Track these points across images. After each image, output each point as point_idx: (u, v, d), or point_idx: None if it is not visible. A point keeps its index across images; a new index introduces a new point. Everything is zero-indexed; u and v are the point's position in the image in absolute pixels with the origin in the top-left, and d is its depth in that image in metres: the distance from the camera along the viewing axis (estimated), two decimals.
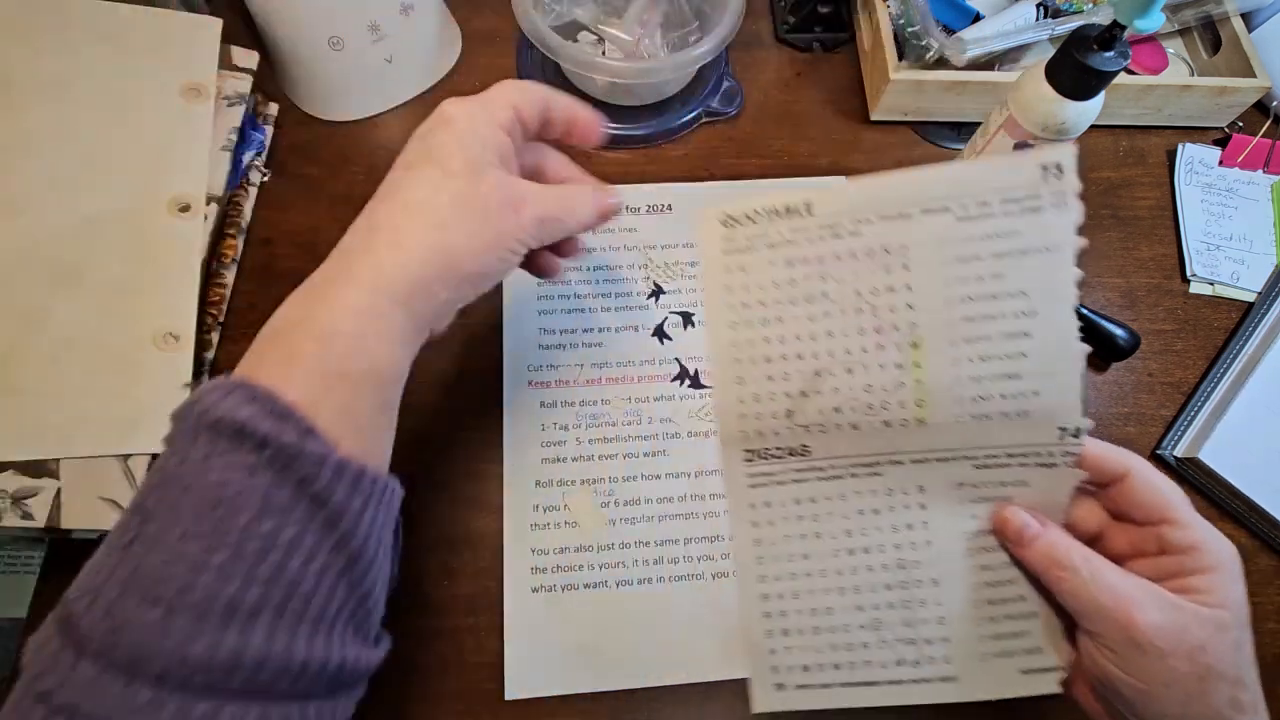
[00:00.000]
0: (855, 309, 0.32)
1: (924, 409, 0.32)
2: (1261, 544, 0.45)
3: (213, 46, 0.48)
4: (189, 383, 0.42)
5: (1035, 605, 0.32)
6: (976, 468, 0.32)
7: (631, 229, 0.52)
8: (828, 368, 0.33)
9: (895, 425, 0.32)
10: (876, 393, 0.32)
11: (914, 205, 0.32)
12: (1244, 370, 0.48)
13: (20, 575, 0.41)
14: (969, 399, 0.31)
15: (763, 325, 0.34)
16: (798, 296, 0.33)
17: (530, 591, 0.42)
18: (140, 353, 0.41)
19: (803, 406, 0.33)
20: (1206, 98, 0.54)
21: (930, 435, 0.32)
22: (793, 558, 0.34)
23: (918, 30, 0.52)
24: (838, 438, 0.33)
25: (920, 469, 0.33)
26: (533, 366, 0.47)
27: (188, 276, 0.44)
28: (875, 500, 0.33)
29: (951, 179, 0.32)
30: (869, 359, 0.32)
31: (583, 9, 0.56)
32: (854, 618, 0.34)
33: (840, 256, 0.33)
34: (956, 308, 0.31)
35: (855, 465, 0.33)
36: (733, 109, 0.56)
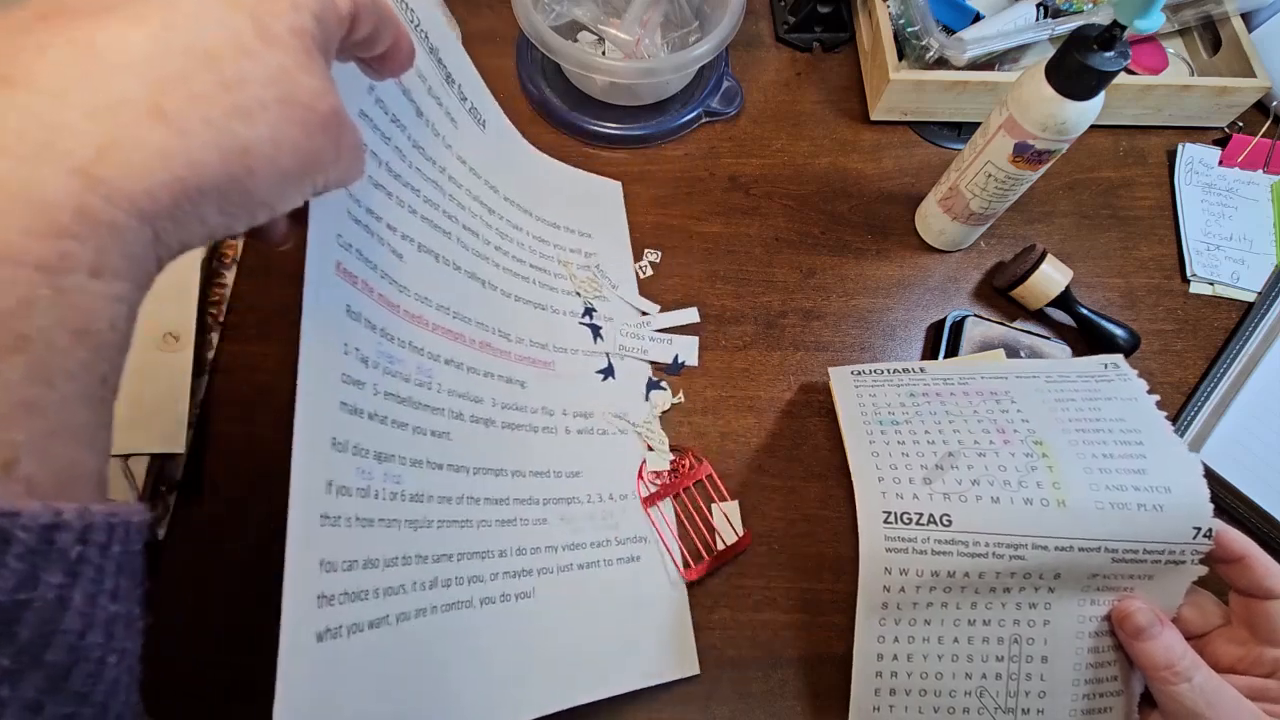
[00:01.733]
0: (977, 421, 0.37)
1: (1061, 491, 0.33)
2: (1261, 544, 0.44)
3: None
4: (190, 383, 0.42)
5: (1123, 684, 0.35)
6: (1115, 561, 0.33)
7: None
8: (960, 450, 0.35)
9: (1036, 504, 0.33)
10: (1011, 471, 0.34)
11: (1009, 374, 0.39)
12: (1244, 370, 0.48)
13: None
14: (1103, 486, 0.33)
15: (894, 426, 0.38)
16: (924, 412, 0.38)
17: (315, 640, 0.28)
18: (142, 353, 0.41)
19: (940, 476, 0.35)
20: (1206, 98, 0.54)
21: (1073, 520, 0.33)
22: (915, 623, 0.35)
23: (918, 30, 0.52)
24: (979, 510, 0.34)
25: (1063, 556, 0.33)
26: (344, 242, 0.30)
27: (188, 276, 0.44)
28: (1010, 581, 0.34)
29: (1035, 366, 0.40)
30: (999, 449, 0.35)
31: (583, 9, 0.56)
32: (961, 684, 0.35)
33: (955, 394, 0.39)
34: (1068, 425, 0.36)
35: (1000, 545, 0.34)
36: (733, 109, 0.56)
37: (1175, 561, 0.33)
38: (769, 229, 0.53)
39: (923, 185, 0.53)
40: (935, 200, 0.50)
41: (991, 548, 0.34)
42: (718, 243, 0.52)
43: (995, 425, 0.36)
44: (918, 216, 0.53)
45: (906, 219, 0.54)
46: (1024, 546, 0.33)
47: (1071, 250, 0.53)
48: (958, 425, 0.37)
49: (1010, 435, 0.35)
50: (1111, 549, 0.33)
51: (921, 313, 0.50)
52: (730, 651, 0.41)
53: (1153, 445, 0.34)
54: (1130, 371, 0.38)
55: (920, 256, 0.52)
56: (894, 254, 0.52)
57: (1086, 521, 0.33)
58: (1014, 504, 0.33)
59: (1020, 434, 0.35)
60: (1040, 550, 0.33)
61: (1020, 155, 0.41)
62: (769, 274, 0.51)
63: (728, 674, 0.41)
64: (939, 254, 0.53)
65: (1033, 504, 0.33)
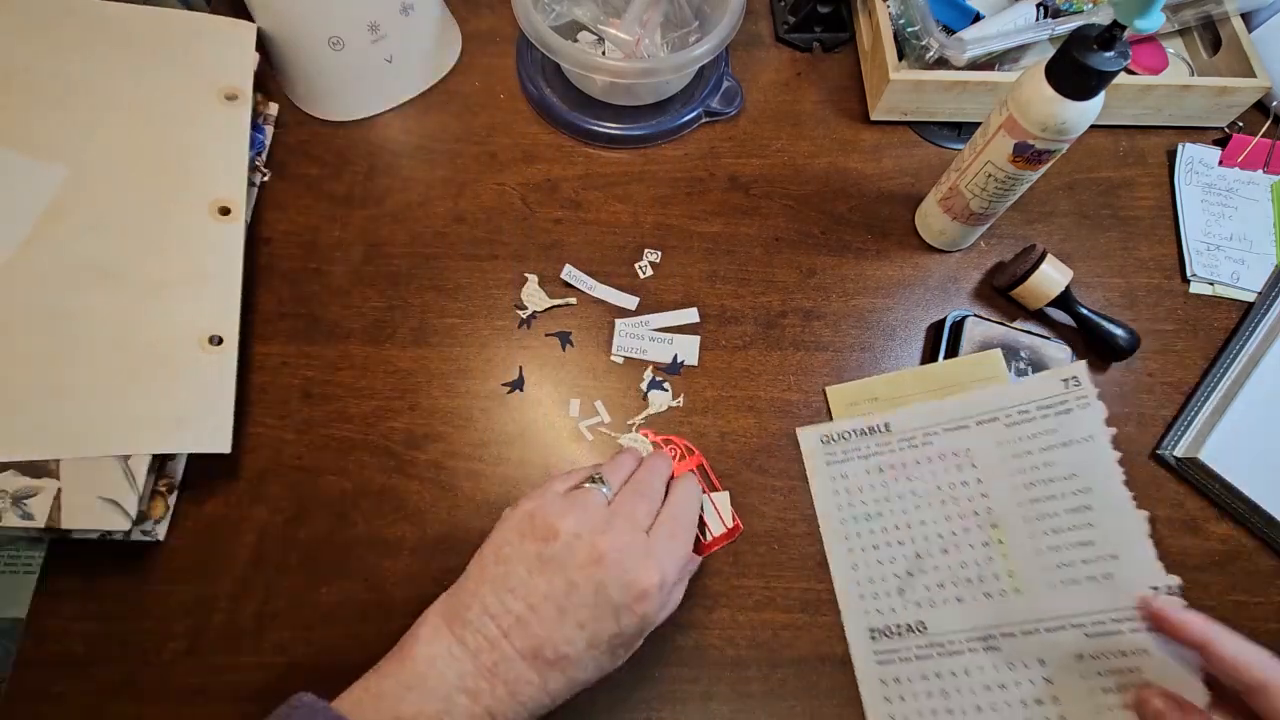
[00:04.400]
0: (940, 500, 0.40)
1: (1015, 579, 0.37)
2: (1261, 544, 0.45)
3: (248, 50, 0.49)
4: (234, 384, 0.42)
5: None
6: (1088, 636, 0.35)
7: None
8: (926, 550, 0.39)
9: (995, 596, 0.37)
10: (971, 568, 0.38)
11: (968, 418, 0.41)
12: (1244, 370, 0.48)
13: (20, 575, 0.41)
14: (1053, 566, 0.36)
15: (866, 520, 0.41)
16: (891, 495, 0.41)
17: None
18: (187, 353, 0.41)
19: (911, 585, 0.39)
20: (1206, 98, 0.54)
21: (1030, 604, 0.36)
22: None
23: (918, 30, 0.52)
24: (947, 612, 0.38)
25: (1033, 640, 0.36)
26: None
27: (230, 280, 0.44)
28: (999, 675, 0.36)
29: (994, 395, 0.41)
30: (959, 540, 0.39)
31: (583, 9, 0.56)
32: None
33: (920, 463, 0.41)
34: (1022, 492, 0.38)
35: (971, 640, 0.37)
36: (733, 109, 0.56)
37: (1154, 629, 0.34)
38: (769, 229, 0.53)
39: (923, 185, 0.53)
40: (935, 200, 0.50)
41: (966, 643, 0.37)
42: (718, 243, 0.52)
43: (957, 508, 0.40)
44: (918, 216, 0.53)
45: (906, 219, 0.54)
46: (994, 637, 0.37)
47: (1071, 250, 0.53)
48: (924, 513, 0.40)
49: (969, 519, 0.39)
50: (1078, 624, 0.35)
51: (921, 313, 0.50)
52: (730, 651, 0.41)
53: (1101, 508, 0.37)
54: (1091, 392, 0.38)
55: (920, 256, 0.52)
56: (894, 254, 0.52)
57: (1043, 603, 0.36)
58: (976, 600, 0.38)
59: (979, 515, 0.39)
60: (1010, 638, 0.36)
61: (1020, 155, 0.41)
62: (769, 274, 0.51)
63: (727, 674, 0.41)
64: (939, 254, 0.53)
65: (992, 596, 0.37)
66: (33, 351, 0.39)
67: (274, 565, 0.42)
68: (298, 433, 0.45)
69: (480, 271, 0.50)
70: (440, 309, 0.49)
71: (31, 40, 0.45)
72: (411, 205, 0.52)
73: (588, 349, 0.48)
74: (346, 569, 0.42)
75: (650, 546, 0.33)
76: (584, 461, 0.45)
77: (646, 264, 0.51)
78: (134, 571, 0.41)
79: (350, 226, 0.51)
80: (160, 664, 0.39)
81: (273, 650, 0.40)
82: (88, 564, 0.41)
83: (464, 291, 0.50)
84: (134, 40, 0.47)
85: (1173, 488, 0.46)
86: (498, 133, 0.56)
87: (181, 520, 0.42)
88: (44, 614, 0.40)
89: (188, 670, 0.39)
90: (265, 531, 0.43)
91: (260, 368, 0.46)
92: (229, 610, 0.41)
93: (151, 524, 0.41)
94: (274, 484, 0.44)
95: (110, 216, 0.43)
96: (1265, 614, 0.43)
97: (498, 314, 0.49)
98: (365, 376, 0.47)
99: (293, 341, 0.47)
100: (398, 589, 0.42)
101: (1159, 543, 0.44)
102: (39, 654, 0.39)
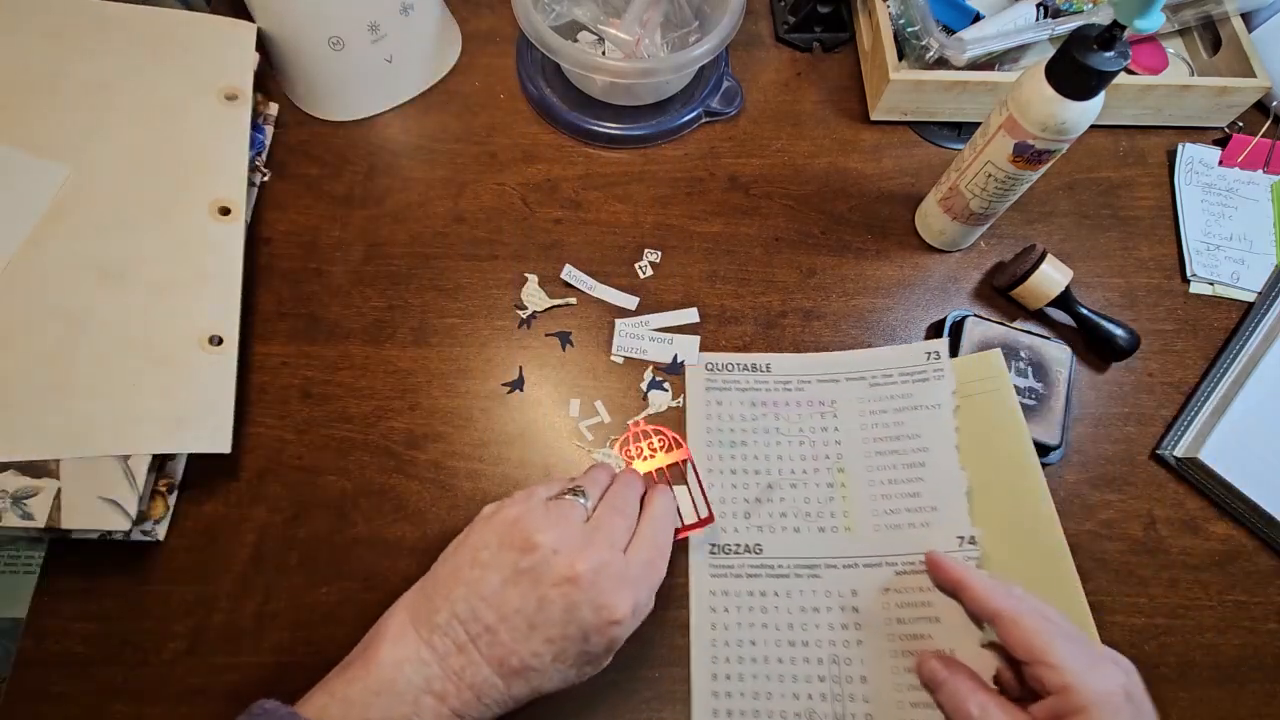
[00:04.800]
0: (799, 441, 0.45)
1: (849, 519, 0.42)
2: (1261, 544, 0.45)
3: (248, 50, 0.49)
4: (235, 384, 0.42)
5: None
6: (897, 574, 0.40)
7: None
8: (777, 483, 0.44)
9: (828, 531, 0.42)
10: (814, 504, 0.43)
11: (840, 373, 0.46)
12: (1244, 370, 0.48)
13: (20, 575, 0.41)
14: (882, 511, 0.42)
15: (730, 446, 0.45)
16: (758, 429, 0.45)
17: None
18: (187, 353, 0.41)
19: (757, 510, 0.43)
20: (1206, 98, 0.54)
21: (856, 542, 0.41)
22: (742, 643, 0.40)
23: (918, 30, 0.52)
24: (784, 539, 0.42)
25: (851, 573, 0.41)
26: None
27: (230, 280, 0.44)
28: (816, 600, 0.40)
29: (867, 356, 0.47)
30: (808, 478, 0.44)
31: (583, 9, 0.56)
32: (790, 705, 0.38)
33: (790, 404, 0.46)
34: (871, 445, 0.44)
35: (799, 566, 0.41)
36: (733, 109, 0.56)
37: None
38: (769, 229, 0.53)
39: (923, 185, 0.53)
40: (935, 200, 0.50)
41: (793, 568, 0.41)
42: (718, 243, 0.52)
43: (812, 450, 0.44)
44: (918, 216, 0.53)
45: (906, 219, 0.54)
46: (819, 566, 0.41)
47: (1071, 250, 0.53)
48: (783, 449, 0.45)
49: (821, 462, 0.44)
50: (891, 563, 0.40)
51: (921, 313, 0.50)
52: None
53: (934, 465, 0.42)
54: (947, 367, 0.45)
55: (920, 256, 0.52)
56: (894, 254, 0.52)
57: (867, 542, 0.41)
58: (811, 532, 0.42)
59: (830, 460, 0.44)
60: (831, 569, 0.41)
61: (1020, 155, 0.41)
62: (769, 274, 0.51)
63: None
64: (939, 254, 0.53)
65: (825, 531, 0.42)
66: (33, 351, 0.39)
67: (274, 565, 0.42)
68: (298, 433, 0.45)
69: (480, 271, 0.50)
70: (440, 309, 0.49)
71: (33, 40, 0.45)
72: (411, 205, 0.52)
73: (588, 349, 0.48)
74: (346, 569, 0.42)
75: (626, 571, 0.33)
76: (585, 462, 0.45)
77: (646, 264, 0.51)
78: (134, 571, 0.41)
79: (350, 226, 0.51)
80: (160, 664, 0.39)
81: (273, 650, 0.40)
82: (88, 564, 0.41)
83: (464, 291, 0.50)
84: (134, 40, 0.47)
85: (1173, 488, 0.46)
86: (498, 133, 0.56)
87: (181, 520, 0.42)
88: (44, 614, 0.40)
89: (188, 670, 0.39)
90: (265, 531, 0.43)
91: (260, 368, 0.46)
92: (229, 610, 0.41)
93: (151, 524, 0.41)
94: (274, 484, 0.44)
95: (111, 216, 0.43)
96: (1265, 614, 0.43)
97: (498, 314, 0.49)
98: (365, 376, 0.47)
99: (293, 341, 0.47)
100: (398, 589, 0.42)
101: (1159, 542, 0.44)
102: (39, 654, 0.39)
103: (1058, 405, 0.46)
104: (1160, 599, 0.43)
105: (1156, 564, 0.44)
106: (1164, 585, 0.43)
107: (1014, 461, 0.43)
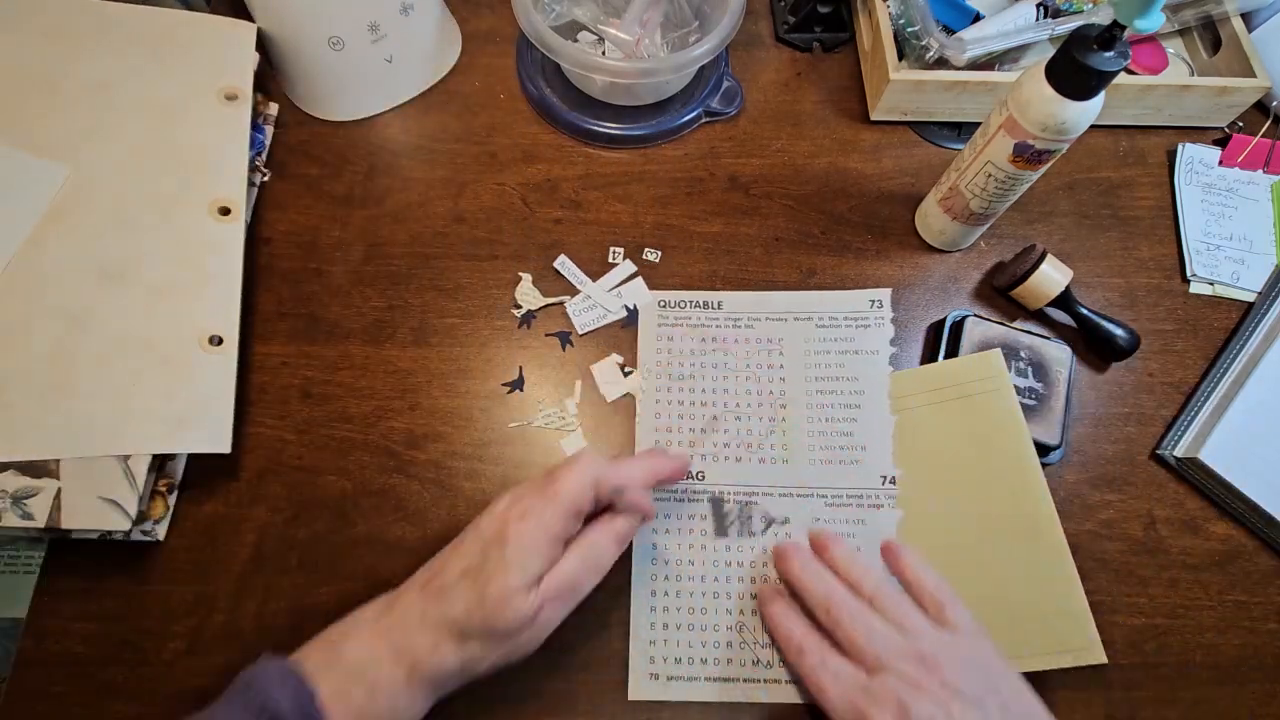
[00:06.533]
0: (746, 376, 0.47)
1: (788, 451, 0.45)
2: (1261, 544, 0.45)
3: (248, 50, 0.49)
4: (235, 384, 0.42)
5: None
6: (827, 505, 0.44)
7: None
8: (722, 415, 0.46)
9: (767, 462, 0.45)
10: (755, 436, 0.45)
11: (789, 313, 0.49)
12: (1244, 370, 0.48)
13: (20, 575, 0.41)
14: (818, 447, 0.45)
15: (680, 379, 0.47)
16: (707, 363, 0.47)
17: None
18: (189, 353, 0.41)
19: (702, 440, 0.45)
20: (1206, 98, 0.54)
21: (792, 472, 0.44)
22: (680, 563, 0.42)
23: (918, 30, 0.52)
24: (726, 467, 0.44)
25: (786, 501, 0.44)
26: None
27: (230, 280, 0.44)
28: (752, 525, 0.43)
29: (815, 300, 0.49)
30: (752, 412, 0.46)
31: (583, 9, 0.56)
32: (723, 619, 0.41)
33: (738, 341, 0.48)
34: (812, 384, 0.47)
35: (739, 493, 0.44)
36: (733, 109, 0.56)
37: (874, 505, 0.43)
38: (769, 229, 0.53)
39: (923, 185, 0.53)
40: (935, 200, 0.50)
41: (733, 495, 0.44)
42: (718, 243, 0.52)
43: (757, 386, 0.46)
44: (918, 216, 0.53)
45: (906, 219, 0.54)
46: (756, 493, 0.44)
47: (1071, 250, 0.53)
48: (729, 384, 0.47)
49: (765, 398, 0.46)
50: (822, 494, 0.44)
51: (921, 313, 0.50)
52: None
53: (868, 408, 0.46)
54: (888, 316, 0.48)
55: (920, 256, 0.52)
56: (894, 254, 0.52)
57: (802, 474, 0.44)
58: (751, 462, 0.45)
59: (774, 395, 0.46)
60: (768, 497, 0.44)
61: (1020, 155, 0.41)
62: (769, 274, 0.51)
63: None
64: (939, 254, 0.53)
65: (765, 462, 0.45)
66: (33, 351, 0.39)
67: (274, 565, 0.42)
68: (298, 433, 0.45)
69: (480, 271, 0.50)
70: (440, 309, 0.49)
71: (33, 40, 0.45)
72: (411, 205, 0.52)
73: (588, 349, 0.48)
74: (346, 569, 0.42)
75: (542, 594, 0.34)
76: None
77: (647, 264, 0.51)
78: (134, 571, 0.41)
79: (350, 226, 0.51)
80: (160, 664, 0.39)
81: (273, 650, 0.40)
82: (88, 564, 0.41)
83: (464, 291, 0.50)
84: (134, 40, 0.47)
85: (1173, 488, 0.46)
86: (498, 133, 0.56)
87: (181, 520, 0.42)
88: (44, 614, 0.40)
89: (188, 670, 0.39)
90: (265, 531, 0.43)
91: (260, 368, 0.46)
92: (229, 610, 0.41)
93: (151, 524, 0.41)
94: (274, 484, 0.44)
95: (110, 216, 0.43)
96: (1265, 614, 0.43)
97: (498, 314, 0.49)
98: (365, 376, 0.47)
99: (293, 341, 0.47)
100: None
101: (1159, 542, 0.44)
102: (39, 654, 0.39)
103: (1058, 405, 0.46)
104: (1160, 599, 0.43)
105: (1156, 564, 0.44)
106: (1164, 585, 0.43)
107: (1014, 462, 0.43)
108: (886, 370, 0.46)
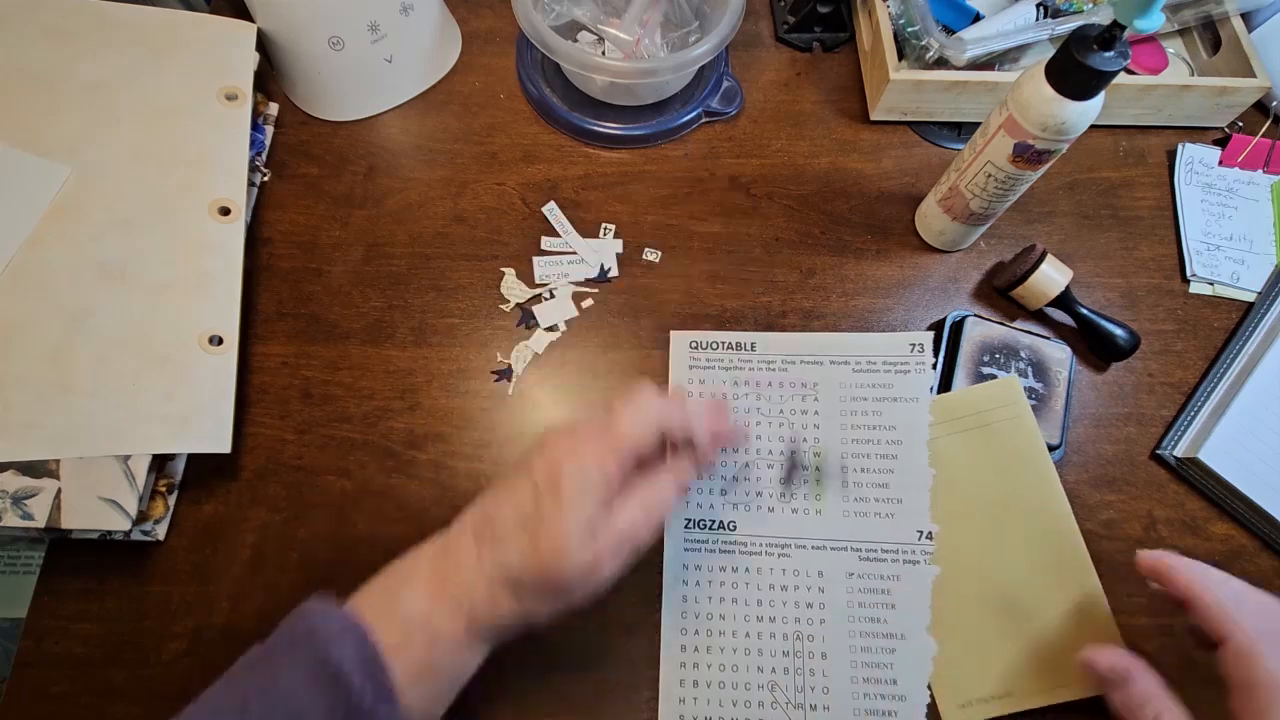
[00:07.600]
0: (779, 423, 0.45)
1: (821, 502, 0.43)
2: (1261, 544, 0.45)
3: (249, 51, 0.49)
4: (235, 384, 0.42)
5: (906, 689, 0.39)
6: (861, 560, 0.42)
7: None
8: (755, 462, 0.44)
9: (800, 513, 0.43)
10: (789, 486, 0.43)
11: (825, 356, 0.46)
12: (1244, 370, 0.48)
13: (20, 575, 0.41)
14: (853, 498, 0.43)
15: None
16: (740, 407, 0.45)
17: None
18: (187, 353, 0.41)
19: (733, 488, 0.44)
20: (1206, 98, 0.54)
21: (825, 525, 0.42)
22: (711, 617, 0.41)
23: (918, 30, 0.52)
24: (757, 518, 0.43)
25: (819, 554, 0.42)
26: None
27: (230, 280, 0.44)
28: (784, 579, 0.42)
29: (853, 342, 0.46)
30: (785, 460, 0.44)
31: (583, 9, 0.56)
32: (755, 677, 0.40)
33: (772, 385, 0.46)
34: (849, 431, 0.44)
35: (770, 545, 0.42)
36: (733, 109, 0.56)
37: (910, 562, 0.41)
38: (769, 229, 0.53)
39: (923, 185, 0.53)
40: (935, 200, 0.50)
41: (764, 547, 0.42)
42: (718, 243, 0.52)
43: (791, 432, 0.44)
44: (918, 216, 0.53)
45: (906, 219, 0.54)
46: (789, 545, 0.42)
47: (1071, 250, 0.53)
48: (763, 429, 0.45)
49: (798, 444, 0.44)
50: (856, 548, 0.42)
51: (921, 313, 0.50)
52: None
53: (904, 459, 0.43)
54: (929, 361, 0.45)
55: (920, 256, 0.52)
56: (894, 254, 0.52)
57: (836, 526, 0.42)
58: (784, 513, 0.43)
59: (808, 443, 0.44)
60: (801, 549, 0.42)
61: (1020, 155, 0.41)
62: (769, 274, 0.51)
63: None
64: (939, 254, 0.53)
65: (798, 513, 0.43)
66: (33, 351, 0.39)
67: (274, 565, 0.42)
68: (298, 433, 0.45)
69: (480, 271, 0.50)
70: (440, 309, 0.49)
71: (34, 40, 0.45)
72: (411, 205, 0.52)
73: (588, 349, 0.48)
74: (346, 569, 0.42)
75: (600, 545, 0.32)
76: None
77: (646, 264, 0.51)
78: (134, 571, 0.41)
79: (350, 226, 0.51)
80: (160, 664, 0.39)
81: None
82: (88, 564, 0.41)
83: (464, 291, 0.50)
84: (135, 40, 0.47)
85: (1173, 488, 0.46)
86: (498, 133, 0.56)
87: (181, 520, 0.42)
88: (44, 614, 0.40)
89: (188, 670, 0.39)
90: (265, 531, 0.43)
91: (260, 368, 0.46)
92: (229, 610, 0.41)
93: (151, 524, 0.41)
94: (274, 484, 0.44)
95: (111, 216, 0.43)
96: None
97: (498, 314, 0.49)
98: (365, 376, 0.47)
99: (293, 341, 0.47)
100: None
101: (1159, 542, 0.44)
102: (39, 654, 0.39)
103: (1058, 405, 0.46)
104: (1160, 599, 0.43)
105: None
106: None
107: (1038, 487, 0.43)
108: (926, 420, 0.43)
